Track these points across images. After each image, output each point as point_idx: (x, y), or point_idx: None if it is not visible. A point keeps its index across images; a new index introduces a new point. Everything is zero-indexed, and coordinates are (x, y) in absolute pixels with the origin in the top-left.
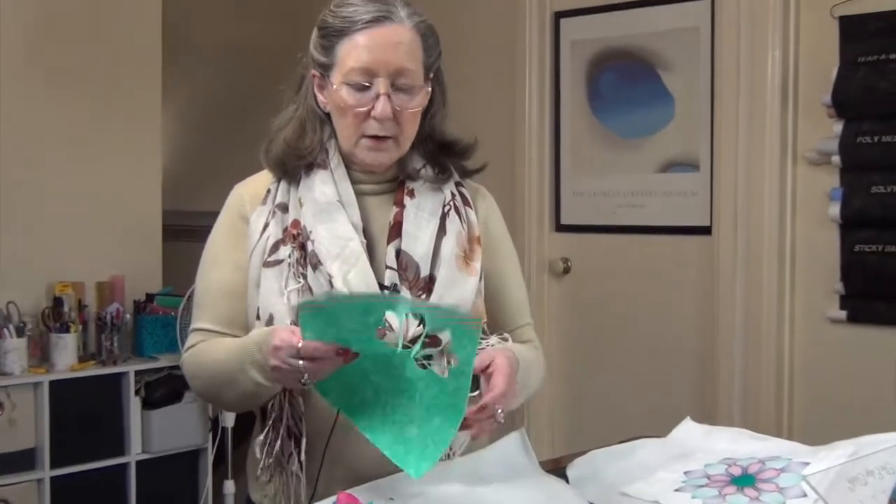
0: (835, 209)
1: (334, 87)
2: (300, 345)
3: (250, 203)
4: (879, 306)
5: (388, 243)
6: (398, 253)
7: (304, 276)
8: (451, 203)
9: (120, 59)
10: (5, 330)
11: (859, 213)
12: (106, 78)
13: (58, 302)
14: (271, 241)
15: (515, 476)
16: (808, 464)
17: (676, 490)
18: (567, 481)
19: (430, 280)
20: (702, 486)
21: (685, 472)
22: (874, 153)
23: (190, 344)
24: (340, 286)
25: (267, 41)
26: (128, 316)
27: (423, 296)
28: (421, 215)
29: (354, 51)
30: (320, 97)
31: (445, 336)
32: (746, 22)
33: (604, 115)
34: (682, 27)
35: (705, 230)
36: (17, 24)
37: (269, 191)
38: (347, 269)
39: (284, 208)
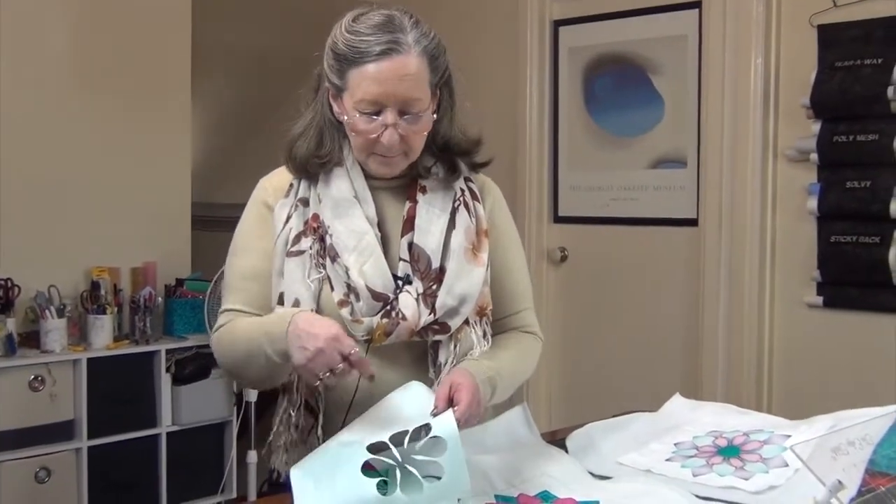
0: (812, 203)
1: (347, 111)
2: (353, 351)
3: (274, 195)
4: (853, 293)
5: (402, 236)
6: (410, 246)
7: (324, 267)
8: (461, 199)
9: (153, 64)
10: (47, 311)
11: (835, 207)
12: (141, 82)
13: (95, 286)
14: (293, 233)
15: (519, 446)
16: (789, 436)
17: (667, 460)
18: (566, 452)
19: (441, 271)
20: (690, 456)
21: (675, 444)
22: (849, 151)
23: (219, 324)
24: (356, 277)
25: (287, 48)
26: (159, 299)
27: (434, 286)
28: (432, 211)
29: (364, 82)
30: (335, 107)
31: (455, 322)
32: (731, 30)
33: (599, 116)
34: (671, 35)
35: (692, 222)
36: (61, 34)
37: (291, 185)
38: (363, 261)
39: (306, 202)
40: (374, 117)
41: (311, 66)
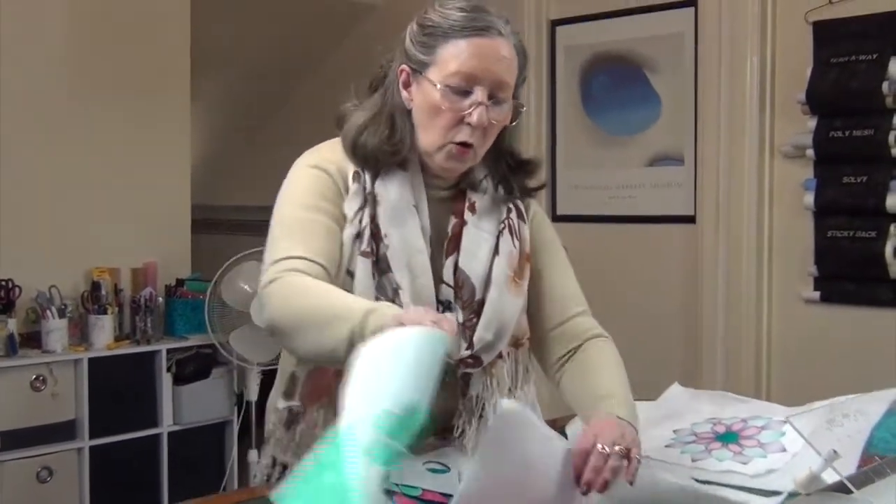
0: (809, 198)
1: (435, 86)
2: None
3: (338, 173)
4: (849, 287)
5: (447, 257)
6: (455, 268)
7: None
8: (507, 221)
9: (152, 64)
10: (48, 311)
11: (831, 202)
12: (140, 82)
13: (96, 286)
14: (367, 232)
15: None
16: (786, 422)
17: (667, 446)
18: (566, 438)
19: (481, 304)
20: (689, 442)
21: (674, 431)
22: (845, 146)
23: (279, 272)
24: (406, 299)
25: (288, 48)
26: (160, 299)
27: (474, 318)
28: (480, 234)
29: (460, 55)
30: (405, 93)
31: (488, 357)
32: (727, 27)
33: (596, 115)
34: (668, 33)
35: (690, 219)
36: (60, 34)
37: (357, 173)
38: (412, 279)
39: (374, 199)
40: (465, 93)
41: (313, 67)
